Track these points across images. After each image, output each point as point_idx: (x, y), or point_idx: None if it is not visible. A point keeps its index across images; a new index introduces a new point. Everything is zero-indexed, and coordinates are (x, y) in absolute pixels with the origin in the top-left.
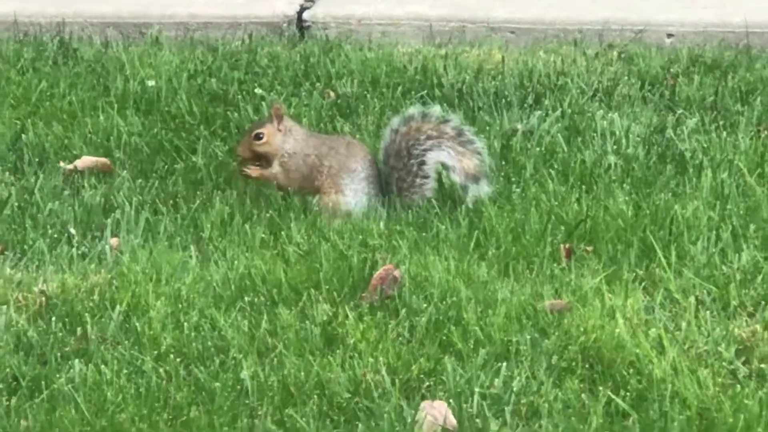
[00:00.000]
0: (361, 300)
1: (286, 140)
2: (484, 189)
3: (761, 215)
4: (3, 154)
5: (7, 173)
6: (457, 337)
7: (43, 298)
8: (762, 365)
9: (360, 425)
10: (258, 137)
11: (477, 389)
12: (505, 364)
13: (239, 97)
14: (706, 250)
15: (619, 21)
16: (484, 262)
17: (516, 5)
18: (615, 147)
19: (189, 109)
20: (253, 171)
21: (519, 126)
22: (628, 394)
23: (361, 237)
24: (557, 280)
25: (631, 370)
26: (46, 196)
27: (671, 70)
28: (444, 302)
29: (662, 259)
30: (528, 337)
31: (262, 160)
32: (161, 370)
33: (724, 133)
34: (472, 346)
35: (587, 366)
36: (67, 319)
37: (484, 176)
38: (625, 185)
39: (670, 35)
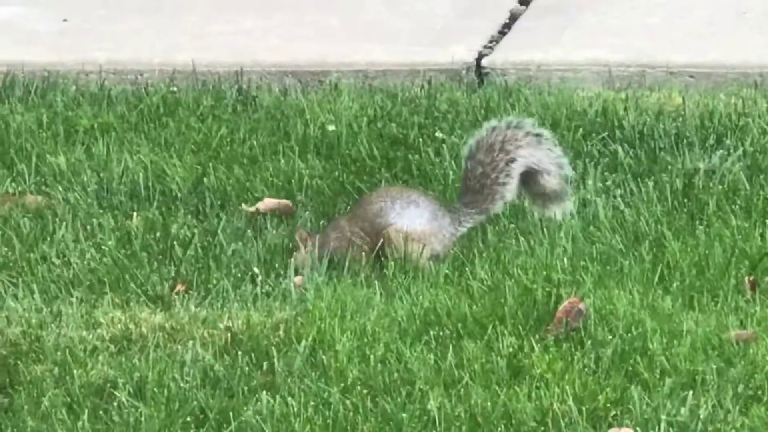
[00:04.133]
0: (546, 333)
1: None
2: (568, 207)
3: None
4: (185, 197)
5: (189, 216)
6: (643, 367)
7: (229, 334)
8: None
9: None
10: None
11: (664, 417)
12: (691, 392)
13: (419, 140)
14: None
15: None
16: (669, 295)
17: (695, 50)
18: None
19: (369, 153)
20: None
21: (701, 165)
22: None
23: (545, 273)
24: (742, 312)
25: None
26: (229, 237)
27: None
28: (629, 334)
29: None
30: (714, 366)
31: None
32: (348, 401)
33: None
34: (657, 376)
35: None
36: (253, 354)
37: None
38: None
39: None
